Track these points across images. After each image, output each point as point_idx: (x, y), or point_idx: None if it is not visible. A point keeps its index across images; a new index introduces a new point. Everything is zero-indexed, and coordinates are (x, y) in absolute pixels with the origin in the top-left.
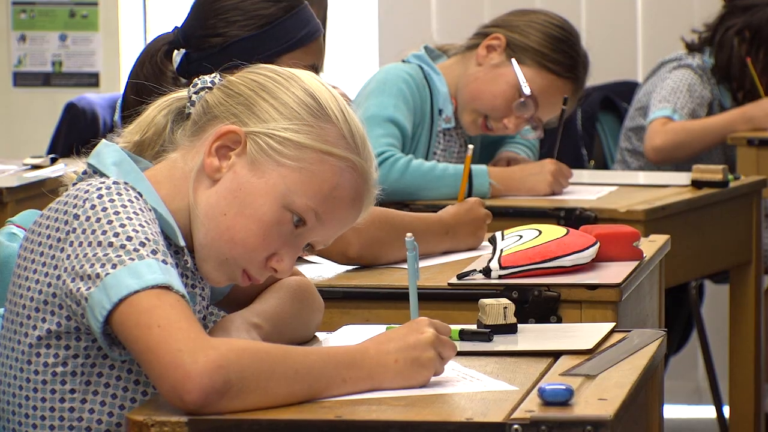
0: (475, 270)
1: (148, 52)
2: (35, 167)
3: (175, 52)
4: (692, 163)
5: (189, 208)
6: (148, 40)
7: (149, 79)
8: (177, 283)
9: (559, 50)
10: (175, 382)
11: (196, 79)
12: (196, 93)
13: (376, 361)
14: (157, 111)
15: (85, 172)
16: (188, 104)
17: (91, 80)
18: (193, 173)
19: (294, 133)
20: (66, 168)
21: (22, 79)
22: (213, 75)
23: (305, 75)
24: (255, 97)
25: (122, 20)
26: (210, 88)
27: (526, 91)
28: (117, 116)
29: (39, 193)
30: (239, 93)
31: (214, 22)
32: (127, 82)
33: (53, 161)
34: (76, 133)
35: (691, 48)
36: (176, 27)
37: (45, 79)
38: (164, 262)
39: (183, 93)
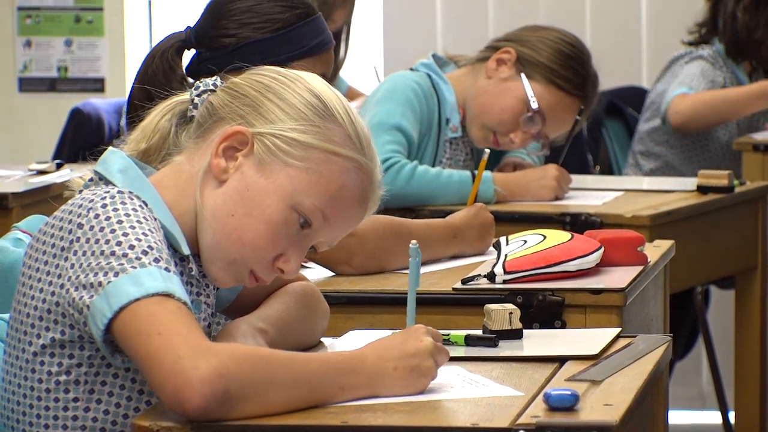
0: (479, 275)
1: (159, 49)
2: (41, 172)
3: (185, 51)
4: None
5: (195, 211)
6: (154, 45)
7: (157, 74)
8: (179, 290)
9: (569, 67)
10: (176, 389)
11: (198, 81)
12: (198, 96)
13: (375, 369)
14: (160, 116)
15: (91, 180)
16: (191, 107)
17: (97, 85)
18: (200, 174)
19: (301, 134)
20: (72, 173)
21: (27, 84)
22: (214, 78)
23: (310, 77)
24: (261, 98)
25: (128, 25)
26: (213, 91)
27: (534, 106)
28: (123, 121)
29: (44, 199)
30: (245, 94)
31: (227, 22)
32: (136, 77)
33: (59, 167)
34: (82, 139)
35: (697, 44)
36: (188, 26)
37: (50, 85)
38: (167, 270)
39: (185, 96)
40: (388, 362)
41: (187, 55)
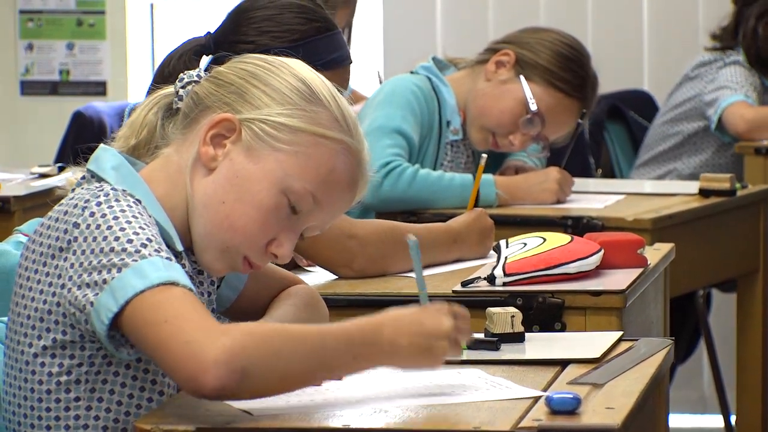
0: (479, 277)
1: (178, 51)
2: (43, 176)
3: (204, 57)
4: None
5: (186, 203)
6: (156, 49)
7: (174, 76)
8: (182, 278)
9: (568, 69)
10: (190, 373)
11: (182, 74)
12: (183, 87)
13: (389, 342)
14: (146, 110)
15: (83, 178)
16: (176, 99)
17: (99, 89)
18: (189, 164)
19: (288, 118)
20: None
21: (29, 87)
22: (198, 69)
23: (294, 62)
24: (246, 84)
25: (129, 29)
26: (197, 81)
27: (533, 107)
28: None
29: (46, 202)
30: (230, 82)
31: (246, 29)
32: (153, 78)
33: (61, 170)
34: (84, 142)
35: (723, 49)
36: (209, 32)
37: (52, 88)
38: (168, 259)
39: (170, 89)
40: (403, 337)
41: (206, 59)
